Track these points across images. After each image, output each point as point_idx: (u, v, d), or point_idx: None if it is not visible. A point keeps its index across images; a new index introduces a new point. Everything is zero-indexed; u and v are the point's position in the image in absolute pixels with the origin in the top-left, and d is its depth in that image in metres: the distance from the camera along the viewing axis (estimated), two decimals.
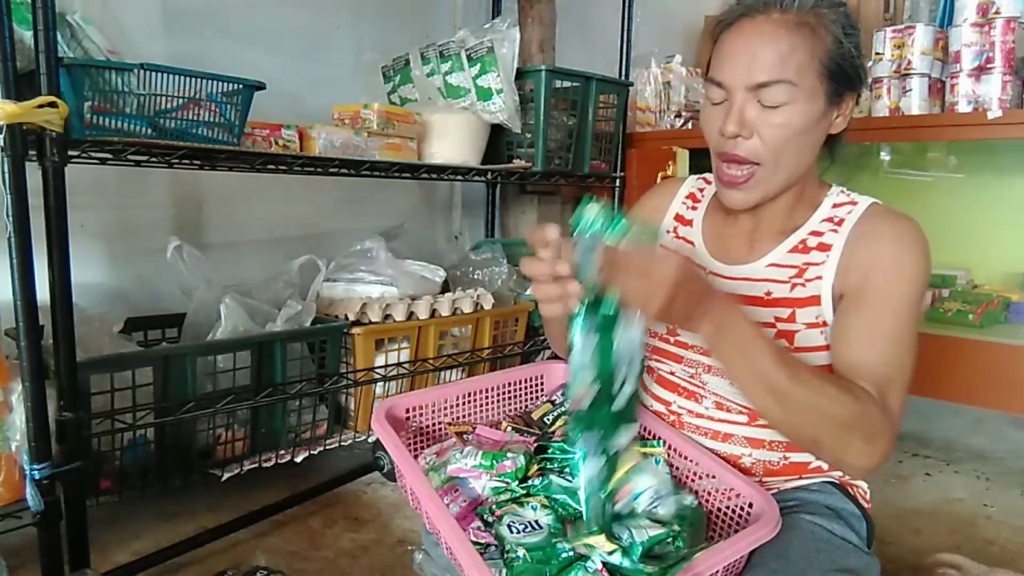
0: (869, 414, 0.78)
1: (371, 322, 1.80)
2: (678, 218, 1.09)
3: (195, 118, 1.47)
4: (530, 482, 0.90)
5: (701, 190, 1.10)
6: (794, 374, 0.76)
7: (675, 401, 1.01)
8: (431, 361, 1.93)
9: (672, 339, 1.00)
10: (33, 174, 1.22)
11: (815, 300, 0.90)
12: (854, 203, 0.93)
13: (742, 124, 0.86)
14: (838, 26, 0.85)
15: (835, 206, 0.94)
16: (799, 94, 0.84)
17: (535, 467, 0.93)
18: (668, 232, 1.10)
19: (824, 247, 0.91)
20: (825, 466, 0.97)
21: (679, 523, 0.82)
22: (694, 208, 1.08)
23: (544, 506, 0.87)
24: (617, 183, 2.42)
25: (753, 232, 0.98)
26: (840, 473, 0.98)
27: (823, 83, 0.86)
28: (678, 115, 2.69)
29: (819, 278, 0.90)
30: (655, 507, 0.82)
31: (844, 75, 0.87)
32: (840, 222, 0.92)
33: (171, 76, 1.41)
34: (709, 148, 0.94)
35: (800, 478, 0.96)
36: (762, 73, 0.84)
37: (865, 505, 0.97)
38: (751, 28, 0.85)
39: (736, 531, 0.85)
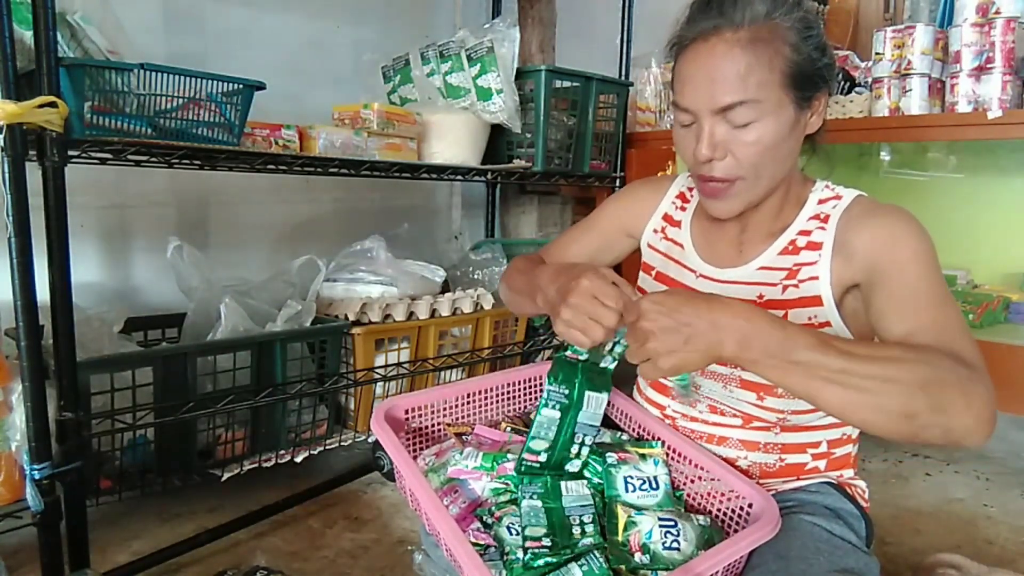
0: (949, 366, 0.70)
1: (371, 322, 1.79)
2: (667, 218, 1.08)
3: (195, 118, 1.47)
4: None
5: (690, 189, 1.09)
6: (845, 352, 0.69)
7: (669, 405, 1.01)
8: (431, 361, 1.93)
9: None
10: (33, 174, 1.22)
11: (812, 301, 0.89)
12: (839, 197, 0.92)
13: (714, 147, 0.85)
14: (794, 32, 0.83)
15: (820, 202, 0.93)
16: (765, 109, 0.82)
17: None
18: (656, 232, 1.09)
19: (814, 246, 0.90)
20: (822, 466, 0.96)
21: (706, 548, 0.80)
22: (683, 209, 1.07)
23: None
24: (617, 183, 2.42)
25: (742, 235, 0.97)
26: (838, 473, 0.98)
27: (788, 92, 0.83)
28: None
29: (814, 278, 0.89)
30: (674, 543, 0.81)
31: (808, 80, 0.85)
32: (826, 218, 0.91)
33: (171, 76, 1.41)
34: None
35: (798, 479, 0.96)
36: (724, 96, 0.82)
37: (863, 504, 0.97)
38: (706, 51, 0.83)
39: (736, 531, 0.85)
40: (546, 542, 0.79)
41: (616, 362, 0.91)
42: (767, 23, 0.82)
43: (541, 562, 0.76)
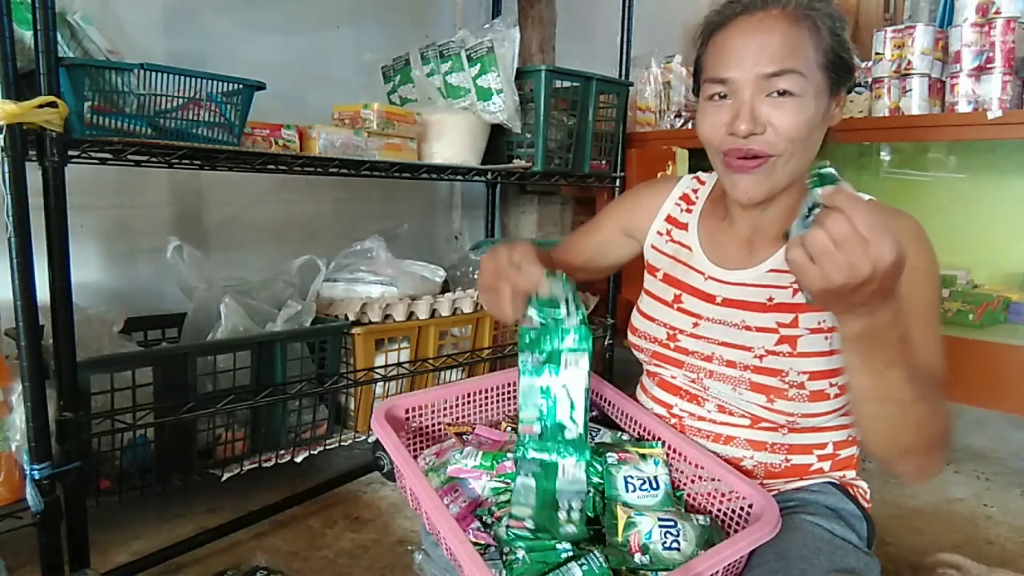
0: (951, 420, 0.77)
1: (371, 322, 1.79)
2: (670, 220, 1.08)
3: (195, 118, 1.47)
4: None
5: (695, 191, 1.08)
6: (916, 390, 0.72)
7: (677, 404, 1.01)
8: (431, 361, 1.93)
9: (672, 345, 1.00)
10: (33, 174, 1.22)
11: None
12: None
13: (755, 121, 0.84)
14: (831, 19, 0.86)
15: None
16: (808, 87, 0.84)
17: None
18: (660, 234, 1.08)
19: None
20: (826, 467, 0.97)
21: (706, 548, 0.80)
22: (688, 211, 1.07)
23: None
24: (617, 183, 2.42)
25: (752, 236, 0.97)
26: (840, 474, 0.98)
27: (826, 76, 0.86)
28: (678, 115, 2.69)
29: None
30: (674, 543, 0.80)
31: (843, 66, 0.88)
32: None
33: (171, 76, 1.41)
34: (707, 148, 0.92)
35: (801, 479, 0.96)
36: (772, 63, 0.83)
37: (865, 505, 0.97)
38: (754, 23, 0.85)
39: (736, 531, 0.85)
40: (528, 524, 0.79)
41: (583, 321, 0.87)
42: (809, 7, 0.85)
43: (539, 558, 0.77)
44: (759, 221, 0.96)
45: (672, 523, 0.82)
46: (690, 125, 2.63)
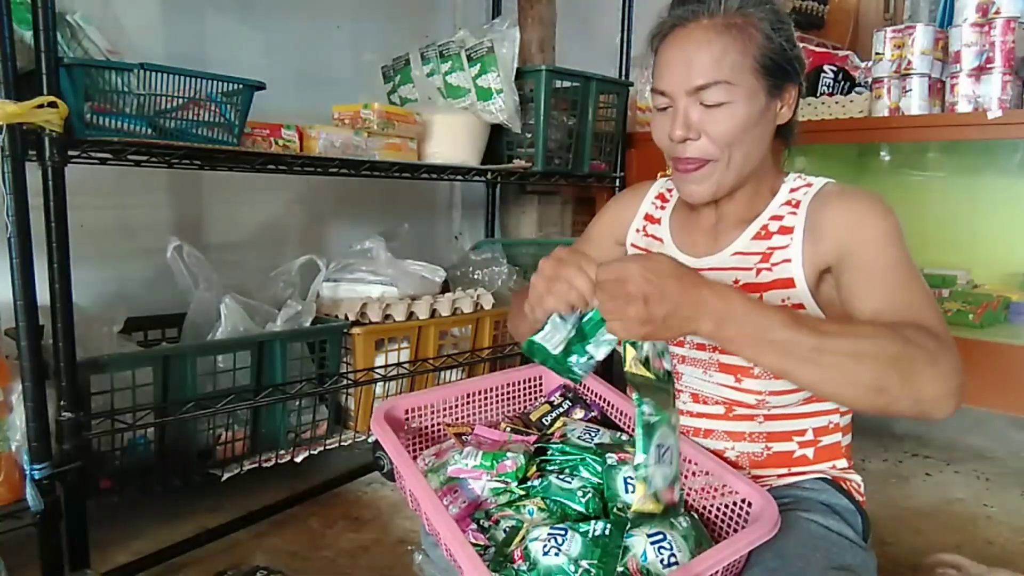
0: (916, 338, 0.73)
1: (371, 322, 1.80)
2: (647, 217, 1.12)
3: (195, 118, 1.47)
4: (529, 483, 0.90)
5: (670, 190, 1.13)
6: (819, 331, 0.71)
7: None
8: (431, 361, 1.93)
9: None
10: (33, 174, 1.22)
11: (785, 283, 0.91)
12: (809, 184, 0.96)
13: (688, 127, 0.89)
14: (766, 23, 0.88)
15: (792, 190, 0.96)
16: (738, 93, 0.87)
17: (534, 468, 0.93)
18: (638, 231, 1.12)
19: (786, 230, 0.93)
20: (810, 455, 0.96)
21: (697, 549, 0.80)
22: (662, 208, 1.11)
23: (541, 509, 0.86)
24: (617, 183, 2.42)
25: (717, 224, 1.01)
26: (830, 465, 0.98)
27: (760, 79, 0.89)
28: None
29: (787, 261, 0.92)
30: (671, 558, 0.79)
31: (780, 69, 0.90)
32: (797, 204, 0.94)
33: (171, 76, 1.41)
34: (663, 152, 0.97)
35: (789, 471, 0.96)
36: (699, 76, 0.87)
37: (859, 499, 0.97)
38: (684, 36, 0.89)
39: (735, 530, 0.85)
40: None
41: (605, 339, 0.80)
42: (740, 13, 0.88)
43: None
44: (723, 210, 0.99)
45: (661, 536, 0.80)
46: None
